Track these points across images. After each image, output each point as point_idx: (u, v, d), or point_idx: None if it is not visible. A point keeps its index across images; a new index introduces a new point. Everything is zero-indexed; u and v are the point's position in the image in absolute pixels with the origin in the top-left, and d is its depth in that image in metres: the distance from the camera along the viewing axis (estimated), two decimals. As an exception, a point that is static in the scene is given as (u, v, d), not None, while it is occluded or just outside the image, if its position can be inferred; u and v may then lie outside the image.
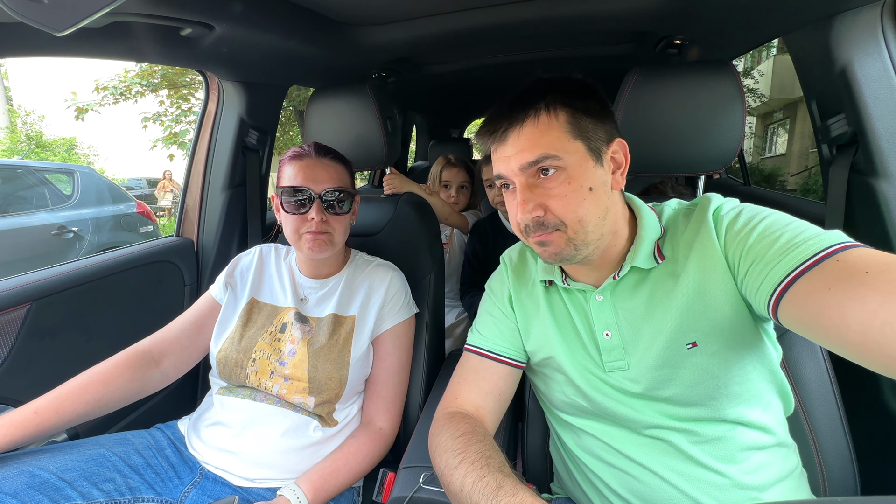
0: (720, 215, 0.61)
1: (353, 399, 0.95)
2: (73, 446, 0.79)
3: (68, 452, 0.76)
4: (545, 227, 0.61)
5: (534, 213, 0.61)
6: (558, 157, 0.59)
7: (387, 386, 0.96)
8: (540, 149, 0.59)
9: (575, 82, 0.63)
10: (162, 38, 0.94)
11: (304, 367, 0.88)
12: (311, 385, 0.87)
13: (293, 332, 0.92)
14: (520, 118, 0.61)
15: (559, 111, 0.60)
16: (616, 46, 1.58)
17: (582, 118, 0.60)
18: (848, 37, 0.88)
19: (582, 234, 0.61)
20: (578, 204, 0.59)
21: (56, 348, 1.00)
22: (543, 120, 0.60)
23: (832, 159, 1.00)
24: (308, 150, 0.93)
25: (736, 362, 0.60)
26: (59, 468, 0.72)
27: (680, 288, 0.61)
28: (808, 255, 0.49)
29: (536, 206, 0.61)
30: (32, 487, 0.68)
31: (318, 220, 0.88)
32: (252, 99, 1.35)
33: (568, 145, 0.59)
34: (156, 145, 6.76)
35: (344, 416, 0.93)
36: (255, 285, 1.00)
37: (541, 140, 0.59)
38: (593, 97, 0.62)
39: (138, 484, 0.79)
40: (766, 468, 0.62)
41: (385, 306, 0.97)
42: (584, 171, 0.60)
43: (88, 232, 3.79)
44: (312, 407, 0.88)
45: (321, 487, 0.80)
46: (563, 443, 0.77)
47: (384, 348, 0.97)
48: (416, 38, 1.23)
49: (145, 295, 1.21)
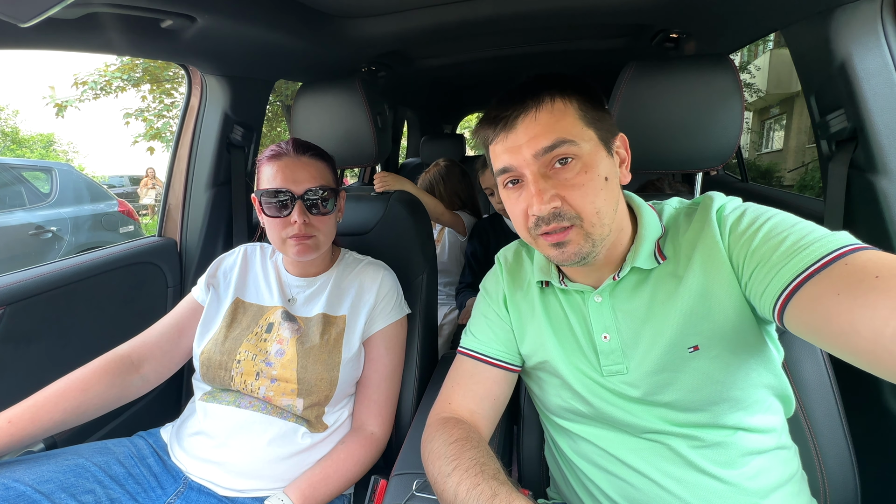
0: (724, 215, 0.61)
1: (343, 402, 0.94)
2: (51, 456, 0.77)
3: (45, 463, 0.75)
4: (561, 218, 0.58)
5: (552, 204, 0.58)
6: (575, 142, 0.58)
7: (378, 389, 0.95)
8: (556, 133, 0.57)
9: (574, 78, 0.63)
10: (141, 31, 0.92)
11: (292, 368, 0.87)
12: (300, 386, 0.86)
13: (281, 331, 0.91)
14: (533, 104, 0.59)
15: (573, 98, 0.60)
16: (611, 40, 1.58)
17: (592, 108, 0.61)
18: (847, 31, 0.88)
19: (599, 227, 0.59)
20: (596, 194, 0.58)
21: (32, 354, 0.98)
22: (559, 105, 0.59)
23: (831, 155, 1.00)
24: (286, 148, 0.91)
25: (738, 367, 0.60)
26: (35, 480, 0.71)
27: (683, 290, 0.60)
28: (816, 258, 0.48)
29: (553, 196, 0.58)
30: (7, 501, 0.67)
31: (301, 222, 0.87)
32: (237, 94, 1.33)
33: (583, 132, 0.59)
34: (137, 141, 6.68)
35: (333, 420, 0.92)
36: (240, 285, 0.98)
37: (557, 125, 0.58)
38: (594, 93, 0.63)
39: (119, 495, 0.77)
40: (767, 473, 0.62)
41: (376, 307, 0.96)
42: (599, 160, 0.59)
43: (67, 232, 3.74)
44: (301, 410, 0.87)
45: (310, 496, 0.79)
46: (558, 448, 0.76)
47: (375, 350, 0.96)
48: (408, 30, 1.22)
49: (126, 298, 1.19)
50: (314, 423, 0.89)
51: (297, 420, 0.87)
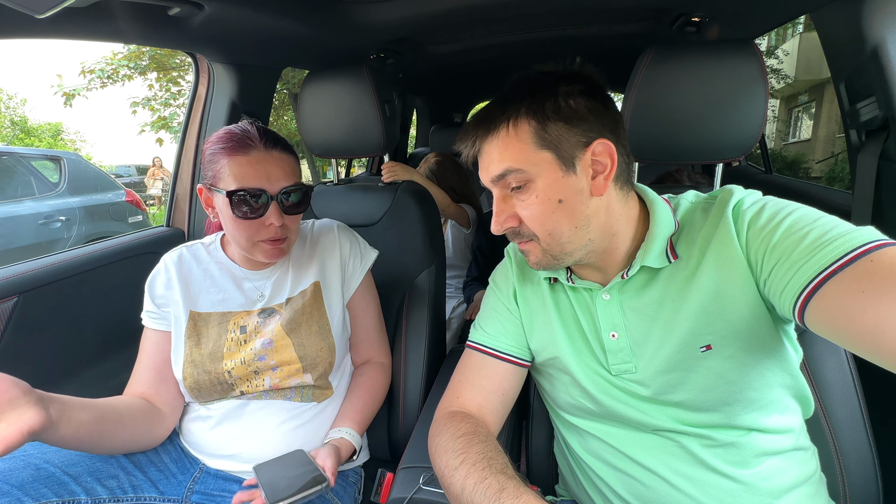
0: (741, 210, 0.59)
1: (344, 362, 0.99)
2: None
3: None
4: (520, 236, 0.64)
5: (506, 225, 0.64)
6: (522, 170, 0.60)
7: (375, 329, 1.03)
8: (504, 162, 0.60)
9: (553, 80, 0.61)
10: (148, 19, 0.93)
11: (290, 350, 0.87)
12: (303, 364, 0.87)
13: (260, 327, 0.89)
14: (485, 130, 0.62)
15: (521, 122, 0.60)
16: (630, 24, 1.55)
17: (550, 125, 0.59)
18: (880, 14, 0.85)
19: (556, 245, 0.62)
20: (546, 217, 0.60)
21: (43, 342, 1.01)
22: (512, 131, 0.60)
23: (861, 146, 0.98)
24: (253, 139, 0.82)
25: (753, 367, 0.60)
26: (64, 462, 0.74)
27: (694, 288, 0.60)
28: (840, 255, 0.47)
29: (509, 217, 0.63)
30: (38, 481, 0.69)
31: (278, 224, 0.82)
32: (244, 82, 1.34)
33: (535, 156, 0.59)
34: (144, 130, 6.77)
35: (337, 380, 0.95)
36: (187, 298, 0.88)
37: (505, 153, 0.60)
38: (577, 94, 0.60)
39: (141, 482, 0.80)
40: (782, 473, 0.62)
41: (346, 267, 0.98)
42: (551, 183, 0.59)
43: (76, 221, 3.82)
44: (312, 381, 0.89)
45: (361, 420, 0.91)
46: (567, 444, 0.77)
47: (359, 304, 1.00)
48: (417, 15, 1.21)
49: (134, 288, 1.21)
50: (325, 388, 0.92)
51: (303, 397, 0.89)
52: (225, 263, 0.93)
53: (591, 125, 0.60)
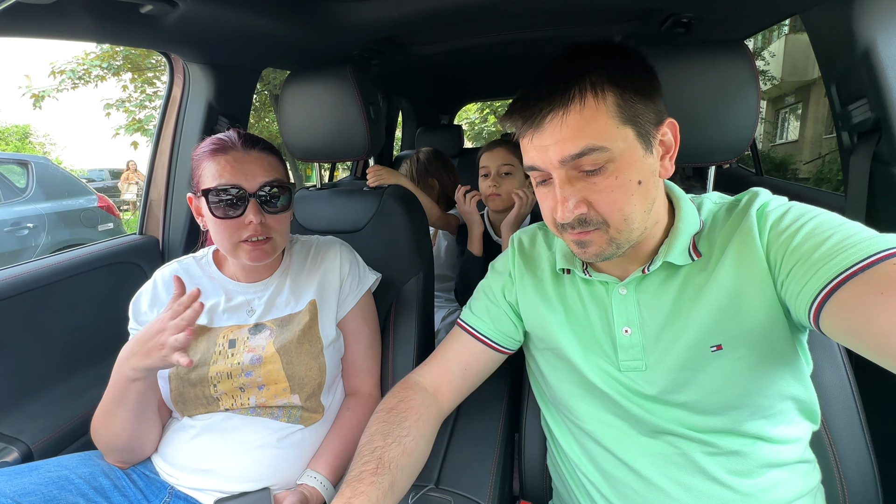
0: (766, 211, 0.59)
1: (336, 382, 0.97)
2: (33, 468, 0.76)
3: (27, 475, 0.74)
4: (586, 224, 0.58)
5: (577, 212, 0.57)
6: (606, 147, 0.54)
7: (366, 357, 1.00)
8: (585, 139, 0.54)
9: (620, 50, 0.58)
10: (119, 16, 0.91)
11: (278, 368, 0.86)
12: (291, 383, 0.86)
13: (249, 342, 0.88)
14: (560, 102, 0.55)
15: (607, 92, 0.54)
16: (618, 25, 1.56)
17: (632, 99, 0.55)
18: (871, 14, 0.87)
19: (626, 232, 0.58)
20: (626, 200, 0.56)
21: (7, 359, 0.97)
22: (590, 103, 0.54)
23: (853, 148, 0.99)
24: (232, 140, 0.84)
25: (764, 372, 0.60)
26: (17, 492, 0.70)
27: (712, 286, 0.60)
28: (860, 258, 0.47)
29: (579, 202, 0.57)
30: None
31: (258, 222, 0.82)
32: (221, 83, 1.32)
33: (617, 133, 0.55)
34: (118, 133, 6.65)
35: (329, 400, 0.93)
36: None
37: (586, 128, 0.54)
38: (642, 68, 0.58)
39: None
40: (785, 485, 0.62)
41: (343, 286, 0.97)
42: (633, 163, 0.56)
43: (45, 229, 3.72)
44: (300, 403, 0.87)
45: (338, 466, 0.85)
46: (562, 453, 0.76)
47: (353, 325, 0.99)
48: (402, 15, 1.20)
49: (105, 299, 1.18)
50: (314, 410, 0.90)
51: (290, 417, 0.87)
52: (218, 278, 0.93)
53: (659, 102, 0.59)
